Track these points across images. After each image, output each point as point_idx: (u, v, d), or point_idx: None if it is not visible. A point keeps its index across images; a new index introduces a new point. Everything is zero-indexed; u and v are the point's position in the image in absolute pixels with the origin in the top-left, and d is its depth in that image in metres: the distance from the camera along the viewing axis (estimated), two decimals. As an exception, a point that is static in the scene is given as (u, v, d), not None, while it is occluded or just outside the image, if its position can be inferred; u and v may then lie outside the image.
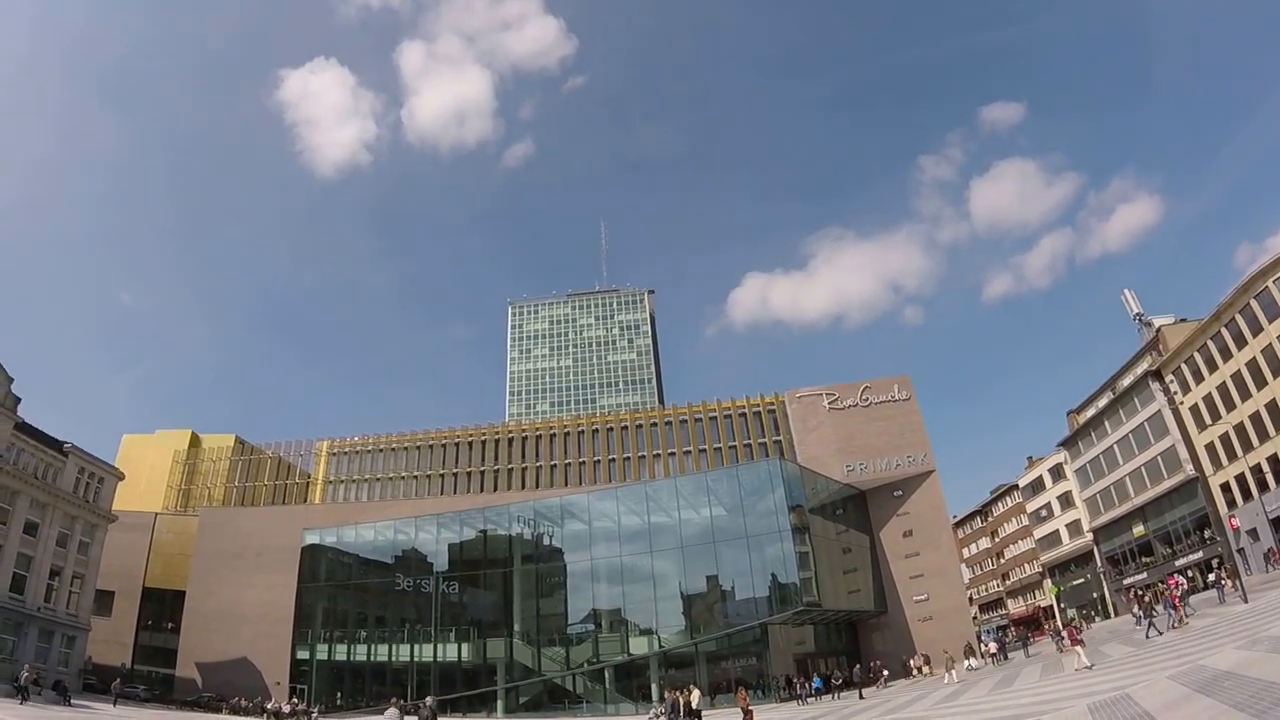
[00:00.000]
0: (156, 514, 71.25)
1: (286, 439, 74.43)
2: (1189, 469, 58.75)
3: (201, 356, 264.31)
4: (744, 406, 65.27)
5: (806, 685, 41.54)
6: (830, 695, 41.42)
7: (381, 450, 70.46)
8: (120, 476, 59.04)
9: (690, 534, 49.21)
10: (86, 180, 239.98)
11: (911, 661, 48.26)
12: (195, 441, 78.49)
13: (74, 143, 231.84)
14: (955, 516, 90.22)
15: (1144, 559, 65.47)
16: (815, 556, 48.81)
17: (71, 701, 38.82)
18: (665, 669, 48.01)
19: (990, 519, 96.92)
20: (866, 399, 60.28)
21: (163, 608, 67.57)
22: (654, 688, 45.46)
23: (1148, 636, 28.57)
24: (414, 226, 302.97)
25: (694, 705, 27.33)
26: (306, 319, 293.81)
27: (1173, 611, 31.17)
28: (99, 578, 55.62)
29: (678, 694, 27.12)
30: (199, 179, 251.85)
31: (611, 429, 67.47)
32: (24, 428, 49.96)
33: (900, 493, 58.11)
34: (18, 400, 49.19)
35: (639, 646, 48.49)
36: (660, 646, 48.10)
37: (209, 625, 62.01)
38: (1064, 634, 36.78)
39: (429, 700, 18.07)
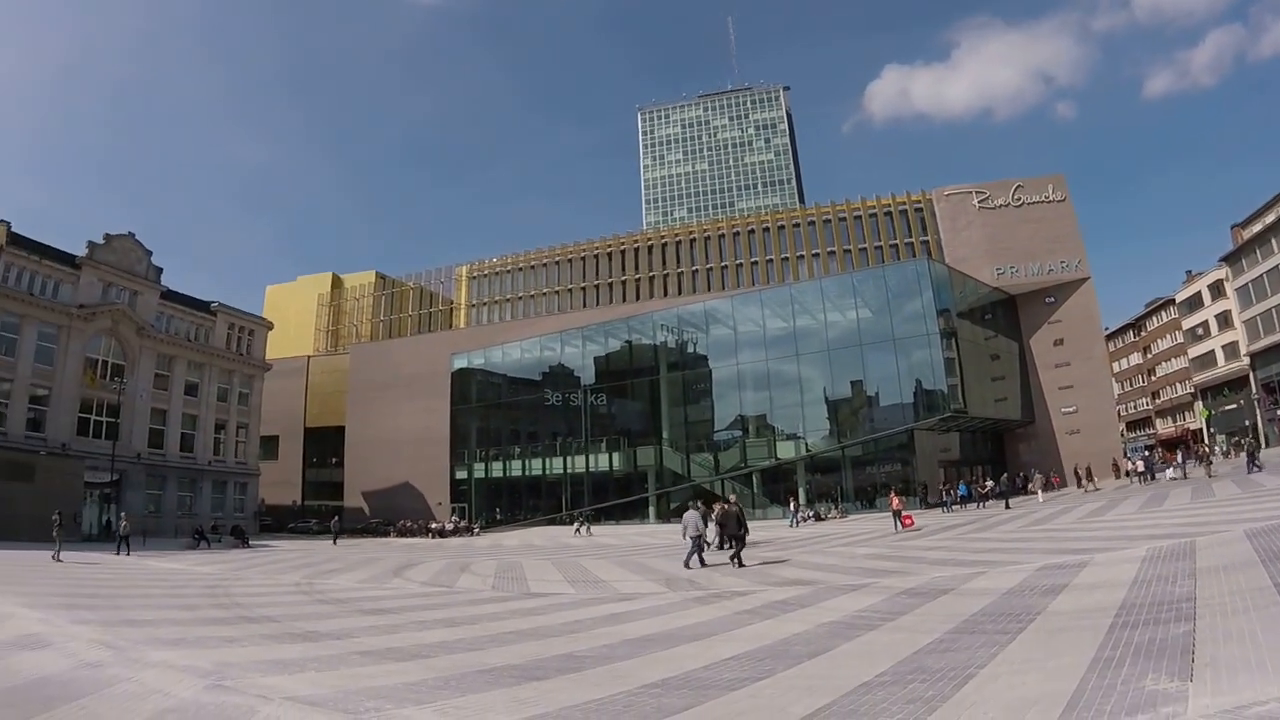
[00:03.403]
0: (309, 357, 75.87)
1: (426, 268, 76.32)
2: (1362, 300, 52.44)
3: (332, 200, 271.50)
4: (888, 205, 61.15)
5: (953, 492, 40.83)
6: (976, 504, 40.62)
7: (521, 269, 70.74)
8: (269, 326, 62.18)
9: (835, 337, 47.87)
10: (180, 46, 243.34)
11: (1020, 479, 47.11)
12: (337, 283, 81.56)
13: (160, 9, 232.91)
14: (1107, 329, 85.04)
15: (1302, 391, 60.25)
16: (962, 362, 46.92)
17: (249, 543, 41.34)
18: (811, 474, 48.49)
19: (1143, 334, 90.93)
20: (1019, 199, 55.70)
21: (325, 444, 72.87)
22: (801, 491, 45.95)
23: None
24: (529, 37, 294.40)
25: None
26: (431, 145, 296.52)
27: None
28: (262, 424, 59.72)
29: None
30: (297, 23, 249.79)
31: (753, 231, 64.74)
32: (170, 295, 52.66)
33: (1052, 299, 54.56)
34: (160, 270, 51.70)
35: (786, 451, 48.75)
36: (807, 451, 48.21)
37: (370, 455, 66.79)
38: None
39: (733, 498, 18.08)
